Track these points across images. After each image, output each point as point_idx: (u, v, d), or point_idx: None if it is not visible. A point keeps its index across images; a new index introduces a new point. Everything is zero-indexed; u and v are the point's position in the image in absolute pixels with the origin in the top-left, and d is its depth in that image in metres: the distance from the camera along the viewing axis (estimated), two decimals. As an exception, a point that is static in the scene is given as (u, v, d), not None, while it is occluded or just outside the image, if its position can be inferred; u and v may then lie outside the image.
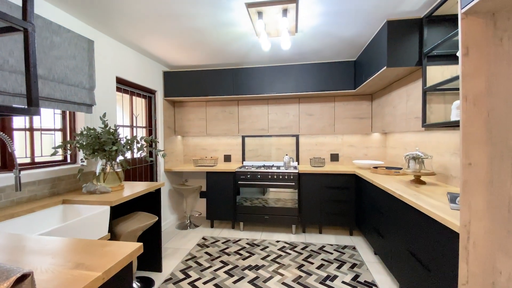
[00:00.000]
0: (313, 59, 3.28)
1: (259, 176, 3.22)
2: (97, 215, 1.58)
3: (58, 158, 2.09)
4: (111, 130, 2.02)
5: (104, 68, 2.42)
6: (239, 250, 2.75)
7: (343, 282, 2.14)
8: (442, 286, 1.35)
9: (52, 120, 2.07)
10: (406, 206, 1.77)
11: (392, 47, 2.13)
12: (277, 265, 2.43)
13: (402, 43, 2.11)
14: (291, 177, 3.15)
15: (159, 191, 2.30)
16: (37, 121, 1.94)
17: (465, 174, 1.13)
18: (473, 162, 1.12)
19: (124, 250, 0.92)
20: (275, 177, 3.19)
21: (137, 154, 3.04)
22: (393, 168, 2.88)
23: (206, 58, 3.21)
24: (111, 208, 1.74)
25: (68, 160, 2.17)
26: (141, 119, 3.20)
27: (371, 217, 2.52)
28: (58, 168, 1.97)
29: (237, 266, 2.42)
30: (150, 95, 3.35)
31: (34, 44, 0.86)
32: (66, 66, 1.93)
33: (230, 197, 3.32)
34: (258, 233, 3.24)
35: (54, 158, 2.05)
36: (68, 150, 2.13)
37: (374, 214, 2.43)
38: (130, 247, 0.94)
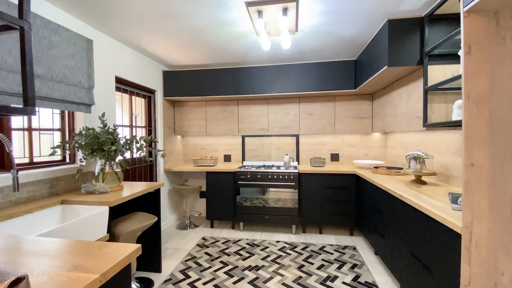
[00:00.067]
0: (313, 59, 3.27)
1: (259, 176, 3.21)
2: (96, 216, 1.57)
3: (56, 158, 2.08)
4: (110, 130, 2.01)
5: (103, 67, 2.41)
6: (239, 250, 2.74)
7: (344, 282, 2.13)
8: (444, 287, 1.34)
9: (51, 120, 2.06)
10: (407, 206, 1.76)
11: (393, 47, 2.11)
12: (277, 265, 2.42)
13: (403, 43, 2.10)
14: (291, 177, 3.14)
15: (159, 191, 2.29)
16: (35, 121, 1.93)
17: (467, 174, 1.12)
18: (475, 163, 1.11)
19: (122, 251, 0.90)
20: (275, 177, 3.18)
21: (136, 154, 3.03)
22: (393, 168, 2.87)
23: (206, 58, 3.20)
24: (110, 208, 1.73)
25: (67, 160, 2.16)
26: (140, 119, 3.19)
27: (372, 217, 2.51)
28: (57, 168, 1.96)
29: (237, 266, 2.41)
30: (150, 95, 3.33)
31: (31, 42, 0.84)
32: (65, 66, 1.92)
33: (230, 197, 3.31)
34: (258, 233, 3.22)
35: (52, 158, 2.04)
36: (67, 150, 2.12)
37: (375, 214, 2.41)
38: (129, 249, 0.93)
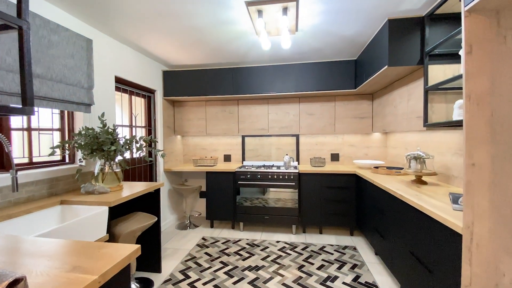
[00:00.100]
0: (313, 58, 3.26)
1: (259, 176, 3.21)
2: (95, 216, 1.56)
3: (56, 158, 2.08)
4: (110, 130, 2.00)
5: (103, 67, 2.40)
6: (239, 250, 2.74)
7: (344, 283, 2.12)
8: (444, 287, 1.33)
9: (50, 119, 2.05)
10: (407, 206, 1.75)
11: (393, 46, 2.11)
12: (277, 265, 2.42)
13: (403, 42, 2.10)
14: (291, 177, 3.14)
15: (159, 191, 2.28)
16: (35, 121, 1.93)
17: (468, 174, 1.11)
18: (476, 163, 1.11)
19: (121, 252, 0.90)
20: (275, 177, 3.17)
21: (136, 154, 3.02)
22: (394, 168, 2.86)
23: (206, 57, 3.19)
24: (110, 208, 1.72)
25: (66, 160, 2.15)
26: (140, 119, 3.18)
27: (372, 217, 2.50)
28: (56, 168, 1.95)
29: (237, 266, 2.40)
30: (150, 95, 3.33)
31: (29, 42, 0.84)
32: (64, 65, 1.92)
33: (230, 197, 3.31)
34: (258, 233, 3.22)
35: (52, 158, 2.04)
36: (66, 150, 2.11)
37: (375, 214, 2.41)
38: (128, 249, 0.92)
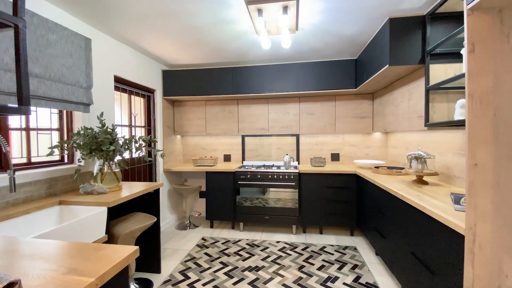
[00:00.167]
0: (313, 58, 3.25)
1: (259, 176, 3.19)
2: (94, 216, 1.55)
3: (55, 158, 2.06)
4: (109, 130, 1.99)
5: (102, 67, 2.39)
6: (239, 250, 2.73)
7: (344, 283, 2.11)
8: (446, 289, 1.32)
9: (48, 119, 2.04)
10: (408, 206, 1.74)
11: (394, 45, 2.09)
12: (277, 266, 2.40)
13: (404, 41, 2.08)
14: (292, 177, 3.12)
15: (158, 192, 2.27)
16: (33, 120, 1.91)
17: (470, 175, 1.10)
18: (479, 163, 1.09)
19: (119, 254, 0.89)
20: (275, 177, 3.16)
21: (135, 154, 3.01)
22: (394, 168, 2.85)
23: (206, 57, 3.18)
24: (109, 209, 1.71)
25: (65, 160, 2.14)
26: (140, 119, 3.17)
27: (373, 217, 2.49)
28: (55, 168, 1.94)
29: (237, 267, 2.39)
30: (149, 94, 3.31)
31: (25, 40, 0.83)
32: (63, 65, 1.90)
33: (230, 197, 3.30)
34: (258, 233, 3.21)
35: (50, 158, 2.02)
36: (65, 150, 2.10)
37: (376, 214, 2.40)
38: (126, 251, 0.91)
